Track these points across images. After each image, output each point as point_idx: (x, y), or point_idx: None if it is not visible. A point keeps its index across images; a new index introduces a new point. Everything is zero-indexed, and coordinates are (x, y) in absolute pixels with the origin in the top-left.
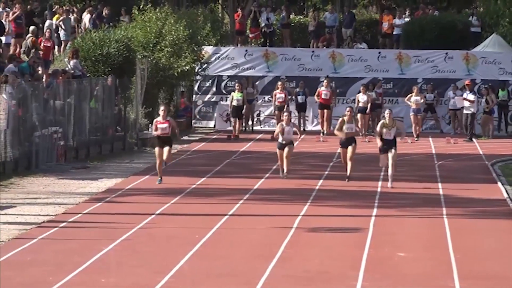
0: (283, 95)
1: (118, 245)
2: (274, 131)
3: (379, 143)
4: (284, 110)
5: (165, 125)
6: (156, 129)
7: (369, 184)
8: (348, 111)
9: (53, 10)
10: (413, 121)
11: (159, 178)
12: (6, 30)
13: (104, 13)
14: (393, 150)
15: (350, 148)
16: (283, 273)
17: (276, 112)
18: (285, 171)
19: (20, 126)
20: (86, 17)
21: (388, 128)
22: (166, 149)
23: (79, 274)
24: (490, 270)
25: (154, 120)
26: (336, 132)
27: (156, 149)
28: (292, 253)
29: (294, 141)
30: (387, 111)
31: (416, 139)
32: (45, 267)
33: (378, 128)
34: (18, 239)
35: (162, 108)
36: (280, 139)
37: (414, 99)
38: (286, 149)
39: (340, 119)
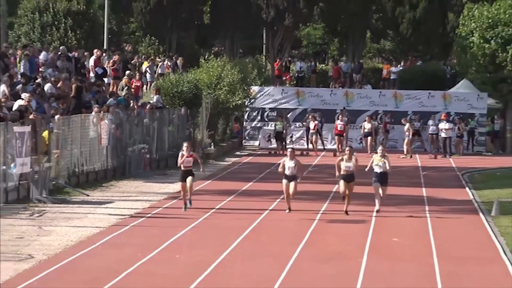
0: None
1: (188, 231)
2: (279, 166)
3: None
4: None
5: (189, 158)
6: (182, 162)
7: (371, 189)
8: (347, 150)
9: (142, 60)
10: (406, 144)
11: (184, 206)
12: (107, 73)
13: (178, 62)
14: (383, 184)
15: (349, 185)
16: (309, 254)
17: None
18: (290, 208)
19: (117, 144)
20: (165, 64)
21: (380, 161)
22: (189, 179)
23: (160, 252)
24: (461, 251)
25: (180, 154)
26: (336, 168)
27: (180, 184)
28: (315, 239)
29: (297, 176)
30: (380, 147)
31: (404, 155)
32: (135, 246)
33: (370, 163)
34: (116, 226)
35: (185, 144)
36: (286, 172)
37: (406, 128)
38: (291, 185)
39: (339, 158)
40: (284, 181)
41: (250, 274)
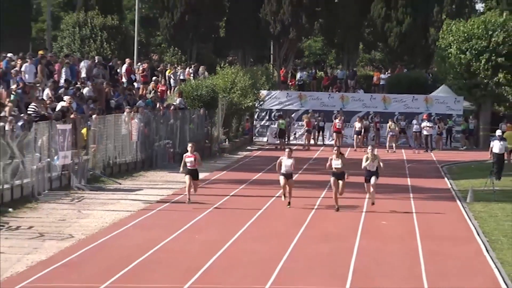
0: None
1: (206, 214)
2: (276, 164)
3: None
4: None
5: (192, 158)
6: (185, 162)
7: (363, 179)
8: (335, 150)
9: (167, 68)
10: (388, 140)
11: (188, 199)
12: (137, 79)
13: (198, 69)
14: (373, 179)
15: (340, 184)
16: (309, 235)
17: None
18: (290, 203)
19: (145, 139)
20: (186, 71)
21: (371, 161)
22: (194, 182)
23: (182, 232)
24: (441, 233)
25: (184, 155)
26: (327, 168)
27: (187, 177)
28: (315, 221)
29: (293, 174)
30: (369, 147)
31: (393, 151)
32: (160, 228)
33: (363, 162)
34: (144, 210)
35: (190, 144)
36: (282, 170)
37: (389, 125)
38: (288, 184)
39: (330, 158)
40: (281, 177)
41: (259, 251)
